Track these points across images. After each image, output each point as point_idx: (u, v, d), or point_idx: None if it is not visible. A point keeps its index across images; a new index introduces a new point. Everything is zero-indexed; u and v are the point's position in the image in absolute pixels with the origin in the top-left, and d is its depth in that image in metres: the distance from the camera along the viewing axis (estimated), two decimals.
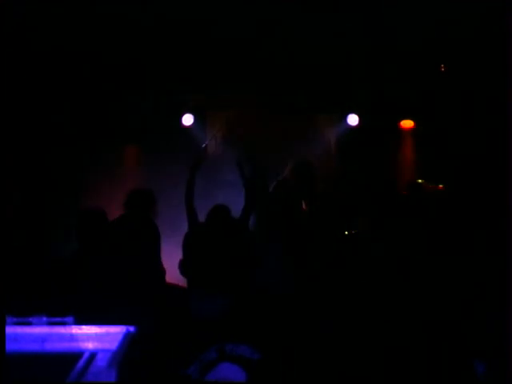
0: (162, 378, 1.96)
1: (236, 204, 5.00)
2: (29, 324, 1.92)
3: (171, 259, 4.43)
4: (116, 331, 1.91)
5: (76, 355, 1.82)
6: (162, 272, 4.51)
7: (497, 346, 2.66)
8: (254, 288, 3.47)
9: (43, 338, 1.88)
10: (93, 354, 1.83)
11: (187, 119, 7.44)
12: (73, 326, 1.91)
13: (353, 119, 7.43)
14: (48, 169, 6.67)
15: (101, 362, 1.81)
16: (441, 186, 6.42)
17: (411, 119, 7.47)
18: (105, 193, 5.14)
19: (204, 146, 6.97)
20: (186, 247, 3.76)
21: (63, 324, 1.91)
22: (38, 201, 6.42)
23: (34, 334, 1.89)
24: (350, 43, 6.13)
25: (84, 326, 1.91)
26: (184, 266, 2.80)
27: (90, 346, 1.86)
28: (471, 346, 3.02)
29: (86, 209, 4.05)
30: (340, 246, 4.38)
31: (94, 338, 1.88)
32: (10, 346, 1.82)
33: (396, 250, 4.42)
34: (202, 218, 4.90)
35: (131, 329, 1.94)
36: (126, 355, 1.89)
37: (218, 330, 2.18)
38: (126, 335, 1.90)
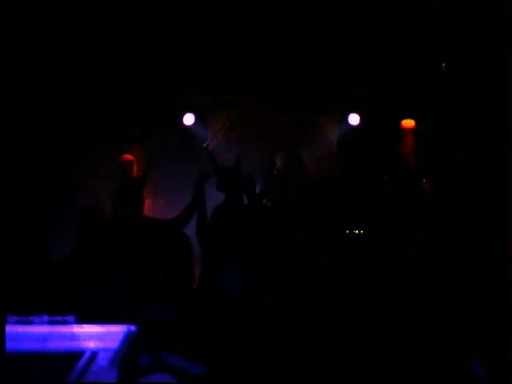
0: None
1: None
2: (30, 323, 1.91)
3: None
4: (117, 330, 1.90)
5: (77, 354, 1.82)
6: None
7: (497, 346, 2.65)
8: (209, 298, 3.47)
9: (44, 337, 1.88)
10: (94, 354, 1.83)
11: (188, 119, 7.44)
12: (74, 325, 1.91)
13: (354, 119, 7.42)
14: (49, 168, 6.67)
15: (102, 361, 1.81)
16: (441, 185, 6.43)
17: (412, 118, 7.47)
18: (106, 192, 5.13)
19: (205, 145, 6.97)
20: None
21: (64, 323, 1.91)
22: (40, 199, 6.42)
23: (35, 333, 1.89)
24: (351, 42, 6.13)
25: (85, 325, 1.90)
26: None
27: (92, 345, 1.85)
28: (471, 346, 3.02)
29: (87, 207, 4.05)
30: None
31: (96, 337, 1.87)
32: (10, 345, 1.82)
33: (397, 249, 4.42)
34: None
35: (132, 328, 1.93)
36: (128, 354, 1.89)
37: (161, 338, 2.16)
38: (128, 334, 1.90)
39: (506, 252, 2.76)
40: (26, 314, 1.93)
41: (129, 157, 6.05)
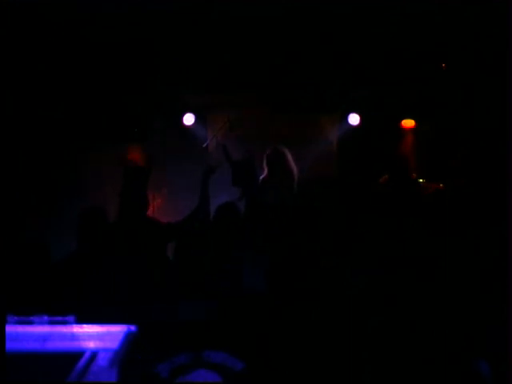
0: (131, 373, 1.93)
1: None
2: (30, 323, 1.91)
3: None
4: (117, 330, 1.90)
5: (77, 354, 1.82)
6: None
7: (497, 346, 2.65)
8: (241, 293, 3.48)
9: (44, 337, 1.88)
10: (94, 354, 1.83)
11: (188, 119, 7.44)
12: (74, 325, 1.91)
13: (354, 119, 7.42)
14: (49, 168, 6.67)
15: (102, 361, 1.81)
16: (441, 185, 6.43)
17: (412, 118, 7.47)
18: (106, 192, 5.14)
19: (205, 145, 6.97)
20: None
21: (64, 323, 1.91)
22: (40, 199, 6.42)
23: (35, 333, 1.89)
24: (351, 42, 6.13)
25: (85, 325, 1.90)
26: None
27: (92, 345, 1.85)
28: (471, 346, 3.02)
29: (87, 207, 4.05)
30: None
31: (96, 337, 1.87)
32: (11, 345, 1.82)
33: (397, 249, 4.42)
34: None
35: (132, 328, 1.93)
36: (127, 354, 1.89)
37: (200, 335, 2.16)
38: (128, 334, 1.90)
39: (506, 252, 2.76)
40: (26, 314, 1.93)
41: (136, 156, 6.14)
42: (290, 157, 5.84)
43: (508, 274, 2.66)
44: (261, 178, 5.84)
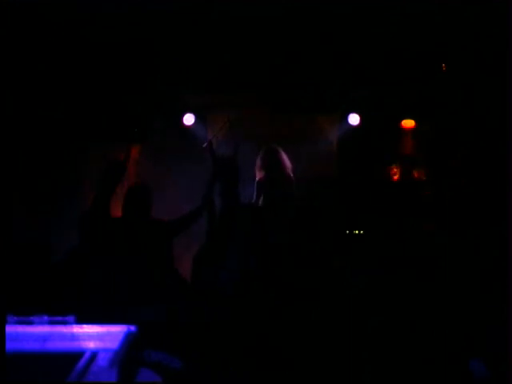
0: None
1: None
2: (30, 323, 1.92)
3: None
4: (117, 330, 1.90)
5: (77, 354, 1.82)
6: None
7: (497, 346, 2.66)
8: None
9: (44, 338, 1.88)
10: (94, 354, 1.83)
11: (188, 119, 7.44)
12: (74, 326, 1.91)
13: (354, 119, 7.42)
14: (50, 168, 6.67)
15: (102, 361, 1.81)
16: (442, 185, 6.43)
17: (412, 118, 7.47)
18: None
19: (205, 145, 6.96)
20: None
21: (64, 323, 1.91)
22: (40, 199, 6.42)
23: (35, 333, 1.89)
24: (351, 42, 6.14)
25: (85, 326, 1.90)
26: None
27: (92, 345, 1.85)
28: (471, 345, 3.02)
29: (88, 207, 4.05)
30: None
31: (96, 337, 1.87)
32: (11, 346, 1.82)
33: (397, 249, 4.42)
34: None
35: (132, 328, 1.93)
36: (128, 354, 1.89)
37: (143, 334, 2.17)
38: (128, 334, 1.90)
39: (506, 252, 2.76)
40: (26, 314, 1.94)
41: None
42: (284, 156, 5.83)
43: (508, 274, 2.67)
44: (257, 179, 5.83)
